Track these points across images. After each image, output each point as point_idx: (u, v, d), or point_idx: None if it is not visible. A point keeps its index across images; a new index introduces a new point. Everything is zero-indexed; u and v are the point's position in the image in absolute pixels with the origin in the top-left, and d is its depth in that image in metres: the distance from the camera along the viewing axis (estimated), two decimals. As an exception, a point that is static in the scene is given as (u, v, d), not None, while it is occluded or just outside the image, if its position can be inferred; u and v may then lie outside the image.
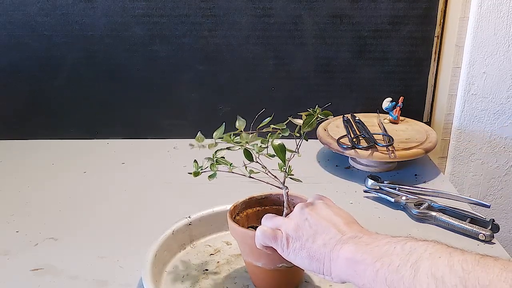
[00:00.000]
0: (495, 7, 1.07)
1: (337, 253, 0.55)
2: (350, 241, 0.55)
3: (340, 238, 0.56)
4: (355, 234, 0.56)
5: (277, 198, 0.74)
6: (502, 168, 1.20)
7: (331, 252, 0.56)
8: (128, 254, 0.78)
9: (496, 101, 1.15)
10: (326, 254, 0.56)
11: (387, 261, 0.50)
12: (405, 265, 0.48)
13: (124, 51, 1.17)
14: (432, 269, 0.46)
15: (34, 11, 1.12)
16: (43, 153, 1.16)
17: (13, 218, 0.89)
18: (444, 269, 0.45)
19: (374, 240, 0.54)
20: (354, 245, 0.55)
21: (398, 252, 0.50)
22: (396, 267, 0.49)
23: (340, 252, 0.55)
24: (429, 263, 0.47)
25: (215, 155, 0.63)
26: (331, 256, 0.56)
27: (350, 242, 0.55)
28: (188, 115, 1.23)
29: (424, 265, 0.47)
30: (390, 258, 0.50)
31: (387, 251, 0.51)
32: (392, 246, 0.51)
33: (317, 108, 0.64)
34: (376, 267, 0.51)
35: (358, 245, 0.54)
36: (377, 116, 1.19)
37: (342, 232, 0.57)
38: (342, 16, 1.14)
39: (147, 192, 0.99)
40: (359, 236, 0.56)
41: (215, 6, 1.13)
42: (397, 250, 0.50)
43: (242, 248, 0.70)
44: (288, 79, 1.20)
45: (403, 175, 1.05)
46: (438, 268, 0.46)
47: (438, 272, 0.45)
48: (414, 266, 0.48)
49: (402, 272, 0.48)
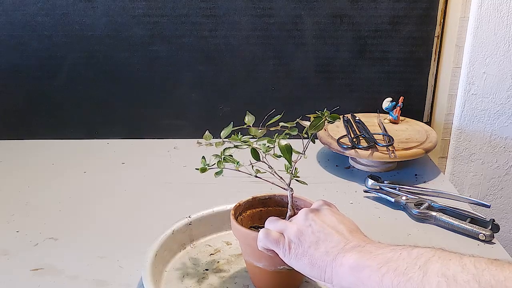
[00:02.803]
0: (495, 7, 1.07)
1: (339, 261, 0.55)
2: (353, 249, 0.55)
3: (343, 246, 0.56)
4: (358, 243, 0.56)
5: (280, 199, 0.74)
6: (502, 168, 1.20)
7: (333, 261, 0.55)
8: (128, 254, 0.78)
9: (496, 101, 1.15)
10: (328, 262, 0.56)
11: (393, 266, 0.49)
12: (412, 268, 0.48)
13: (124, 51, 1.16)
14: (442, 269, 0.45)
15: (34, 11, 1.12)
16: (43, 153, 1.16)
17: (13, 218, 0.89)
18: (455, 268, 0.45)
19: (378, 248, 0.54)
20: (358, 253, 0.54)
21: (404, 257, 0.50)
22: (403, 270, 0.48)
23: (342, 260, 0.54)
24: (439, 264, 0.46)
25: (223, 153, 0.63)
26: (333, 264, 0.55)
27: (353, 251, 0.55)
28: (188, 115, 1.23)
29: (433, 266, 0.46)
30: (397, 263, 0.49)
31: (392, 257, 0.51)
32: (398, 252, 0.51)
33: (325, 111, 0.63)
34: (382, 272, 0.50)
35: (361, 253, 0.54)
36: (377, 116, 1.19)
37: (345, 240, 0.57)
38: (342, 16, 1.14)
39: (147, 192, 0.99)
40: (362, 245, 0.55)
41: (215, 6, 1.13)
42: (403, 256, 0.50)
43: (244, 248, 0.70)
44: (288, 79, 1.20)
45: (403, 175, 1.05)
46: (449, 268, 0.45)
47: (449, 271, 0.45)
48: (423, 268, 0.47)
49: (409, 274, 0.47)
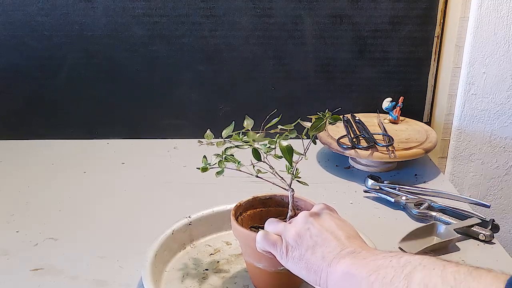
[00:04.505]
0: (495, 7, 1.07)
1: (334, 267, 0.55)
2: (348, 255, 0.55)
3: (339, 252, 0.56)
4: (354, 249, 0.56)
5: (281, 199, 0.74)
6: (502, 168, 1.20)
7: (328, 266, 0.55)
8: (128, 254, 0.78)
9: (496, 101, 1.15)
10: (324, 268, 0.56)
11: (382, 274, 0.50)
12: (398, 276, 0.49)
13: (124, 51, 1.16)
14: (424, 280, 0.46)
15: (34, 11, 1.12)
16: (43, 153, 1.16)
17: (13, 218, 0.89)
18: (436, 280, 0.46)
19: (372, 254, 0.54)
20: (351, 259, 0.54)
21: (393, 264, 0.50)
22: (390, 279, 0.49)
23: (337, 266, 0.55)
24: (422, 274, 0.47)
25: (224, 152, 0.63)
26: (328, 270, 0.55)
27: (347, 257, 0.55)
28: (188, 115, 1.23)
29: (417, 276, 0.47)
30: (385, 271, 0.50)
31: (383, 264, 0.51)
32: (388, 259, 0.51)
33: (327, 112, 0.63)
34: (371, 280, 0.51)
35: (355, 259, 0.54)
36: (377, 116, 1.19)
37: (342, 246, 0.57)
38: (342, 16, 1.14)
39: (147, 192, 0.99)
40: (357, 251, 0.56)
41: (215, 6, 1.13)
42: (393, 263, 0.51)
43: (244, 249, 0.70)
44: (288, 79, 1.20)
45: (403, 175, 1.05)
46: (430, 279, 0.46)
47: (431, 283, 0.46)
48: (408, 278, 0.48)
49: (395, 284, 0.48)
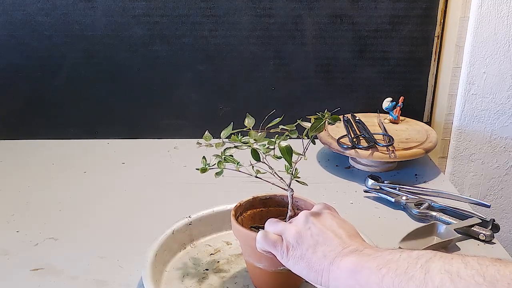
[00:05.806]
0: (495, 7, 1.07)
1: (337, 265, 0.54)
2: (352, 253, 0.55)
3: (341, 250, 0.56)
4: (356, 247, 0.56)
5: (281, 199, 0.74)
6: (502, 168, 1.20)
7: (330, 264, 0.55)
8: (128, 254, 0.78)
9: (496, 101, 1.15)
10: (325, 266, 0.55)
11: (394, 266, 0.49)
12: (414, 267, 0.47)
13: (124, 51, 1.16)
14: (445, 266, 0.45)
15: (34, 11, 1.12)
16: (43, 153, 1.16)
17: (13, 218, 0.89)
18: (458, 265, 0.45)
19: (376, 251, 0.53)
20: (356, 256, 0.54)
21: (404, 258, 0.49)
22: (404, 270, 0.48)
23: (340, 263, 0.54)
24: (441, 262, 0.46)
25: (223, 153, 0.63)
26: (330, 268, 0.55)
27: (351, 255, 0.54)
28: (188, 115, 1.23)
29: (435, 264, 0.46)
30: (397, 264, 0.49)
31: (392, 259, 0.50)
32: (397, 254, 0.51)
33: (326, 112, 0.63)
34: (382, 273, 0.50)
35: (359, 256, 0.53)
36: (377, 116, 1.19)
37: (344, 244, 0.57)
38: (342, 16, 1.14)
39: (147, 192, 0.99)
40: (360, 249, 0.55)
41: (215, 6, 1.13)
42: (403, 257, 0.50)
43: (244, 248, 0.70)
44: (288, 79, 1.20)
45: (403, 175, 1.05)
46: (452, 265, 0.45)
47: (452, 268, 0.45)
48: (425, 266, 0.47)
49: (411, 273, 0.47)
